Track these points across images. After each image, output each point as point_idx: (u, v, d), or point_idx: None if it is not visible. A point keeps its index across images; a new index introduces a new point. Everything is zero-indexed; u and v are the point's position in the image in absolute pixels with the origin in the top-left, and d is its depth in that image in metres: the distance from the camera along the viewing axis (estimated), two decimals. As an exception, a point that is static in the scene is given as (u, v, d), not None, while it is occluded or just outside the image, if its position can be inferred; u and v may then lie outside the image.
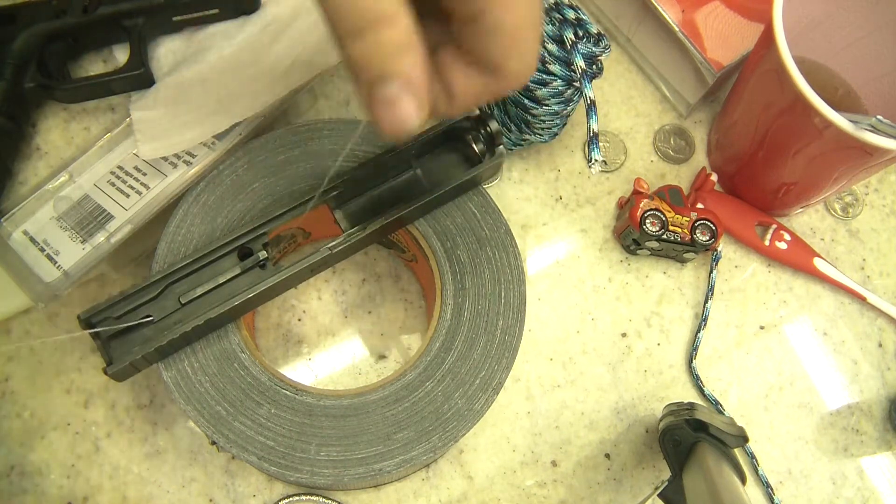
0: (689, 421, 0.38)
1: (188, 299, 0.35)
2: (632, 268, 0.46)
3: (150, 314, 0.34)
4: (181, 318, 0.34)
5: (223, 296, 0.35)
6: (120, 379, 0.34)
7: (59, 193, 0.40)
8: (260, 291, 0.34)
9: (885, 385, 0.46)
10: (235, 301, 0.34)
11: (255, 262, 0.36)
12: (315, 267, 0.36)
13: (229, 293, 0.35)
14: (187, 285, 0.35)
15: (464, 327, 0.37)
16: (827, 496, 0.43)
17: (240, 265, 0.36)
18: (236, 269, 0.36)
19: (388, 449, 0.34)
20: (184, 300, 0.35)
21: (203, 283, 0.35)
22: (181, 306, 0.35)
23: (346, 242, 0.36)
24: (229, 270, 0.35)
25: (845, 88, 0.46)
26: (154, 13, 0.43)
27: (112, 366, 0.33)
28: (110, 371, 0.32)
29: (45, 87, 0.42)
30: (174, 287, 0.35)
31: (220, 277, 0.35)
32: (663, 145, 0.49)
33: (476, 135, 0.38)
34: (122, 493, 0.40)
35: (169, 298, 0.35)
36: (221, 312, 0.34)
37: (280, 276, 0.35)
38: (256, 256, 0.36)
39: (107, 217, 0.40)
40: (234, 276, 0.35)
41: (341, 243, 0.36)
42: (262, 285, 0.34)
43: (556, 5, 0.40)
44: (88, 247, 0.39)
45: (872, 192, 0.49)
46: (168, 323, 0.34)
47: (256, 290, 0.34)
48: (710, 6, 0.45)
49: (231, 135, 0.41)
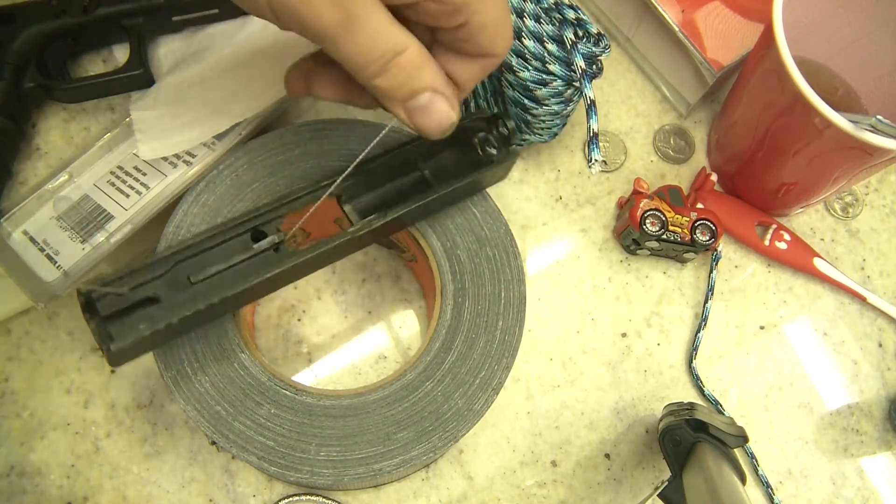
0: (689, 421, 0.38)
1: (198, 278, 0.33)
2: (632, 268, 0.46)
3: (157, 292, 0.32)
4: (190, 297, 0.32)
5: (235, 277, 0.33)
6: (118, 362, 0.31)
7: (59, 193, 0.40)
8: (273, 274, 0.33)
9: (885, 385, 0.46)
10: (250, 282, 0.32)
11: (270, 244, 0.34)
12: (330, 254, 0.35)
13: (242, 275, 0.33)
14: (197, 265, 0.33)
15: (464, 327, 0.37)
16: (827, 496, 0.43)
17: (254, 247, 0.34)
18: (249, 250, 0.34)
19: (388, 449, 0.34)
20: (194, 279, 0.33)
21: (214, 263, 0.33)
22: (191, 285, 0.33)
23: (365, 229, 0.35)
24: (241, 252, 0.34)
25: (845, 88, 0.46)
26: (154, 13, 0.43)
27: (115, 342, 0.30)
28: (114, 348, 0.30)
29: (44, 87, 0.42)
30: (183, 265, 0.33)
31: (232, 258, 0.33)
32: (663, 145, 0.49)
33: (487, 136, 0.38)
34: (121, 493, 0.40)
35: (178, 276, 0.33)
36: (235, 293, 0.32)
37: (294, 259, 0.33)
38: (271, 239, 0.34)
39: (107, 217, 0.40)
40: (246, 257, 0.34)
41: (360, 229, 0.34)
42: (275, 268, 0.33)
43: (556, 5, 0.40)
44: (88, 247, 0.39)
45: (872, 192, 0.49)
46: (176, 301, 0.32)
47: (270, 272, 0.33)
48: (710, 6, 0.45)
49: (231, 135, 0.41)
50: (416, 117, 0.29)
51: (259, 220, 0.34)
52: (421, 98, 0.29)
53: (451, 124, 0.30)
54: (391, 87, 0.28)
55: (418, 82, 0.28)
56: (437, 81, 0.29)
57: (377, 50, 0.27)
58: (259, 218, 0.34)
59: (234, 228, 0.34)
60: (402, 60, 0.27)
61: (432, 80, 0.28)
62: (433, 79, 0.28)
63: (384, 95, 0.29)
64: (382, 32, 0.27)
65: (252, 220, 0.34)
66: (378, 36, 0.27)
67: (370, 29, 0.26)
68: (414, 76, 0.28)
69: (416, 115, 0.29)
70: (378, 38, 0.27)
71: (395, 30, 0.27)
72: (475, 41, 0.29)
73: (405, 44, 0.27)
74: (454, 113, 0.29)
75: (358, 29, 0.26)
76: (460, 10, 0.28)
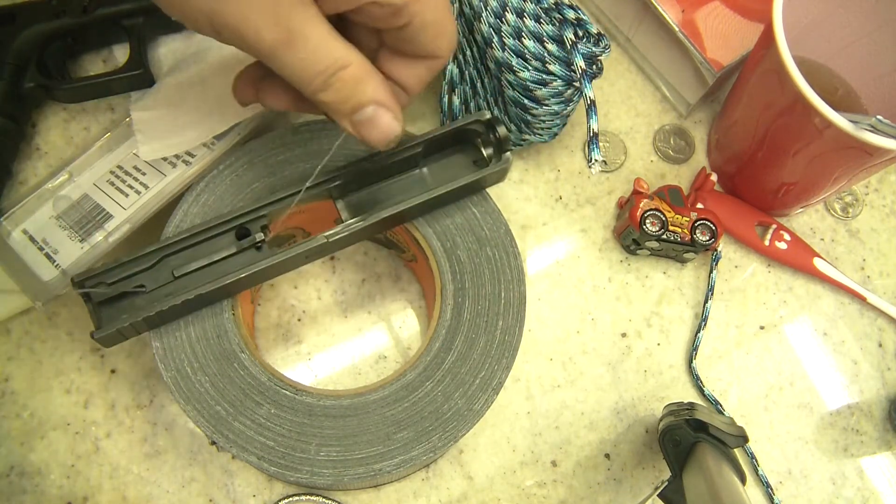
0: (689, 421, 0.38)
1: (182, 273, 0.35)
2: (632, 268, 0.46)
3: (144, 284, 0.34)
4: (173, 290, 0.34)
5: (216, 273, 0.35)
6: (107, 345, 0.34)
7: (59, 192, 0.40)
8: (253, 272, 0.35)
9: (885, 385, 0.46)
10: (228, 279, 0.34)
11: (251, 242, 0.36)
12: (310, 254, 0.36)
13: (223, 271, 0.35)
14: (183, 259, 0.35)
15: (464, 327, 0.37)
16: (827, 496, 0.43)
17: (236, 244, 0.36)
18: (232, 247, 0.36)
19: (388, 449, 0.34)
20: (177, 273, 0.35)
21: (198, 258, 0.35)
22: (174, 279, 0.35)
23: (343, 233, 0.36)
24: (225, 248, 0.36)
25: (845, 88, 0.46)
26: (154, 13, 0.43)
27: (100, 330, 0.33)
28: (97, 336, 0.33)
29: (44, 87, 0.42)
30: (169, 259, 0.35)
31: (215, 255, 0.35)
32: (663, 145, 0.49)
33: (486, 138, 0.38)
34: (121, 493, 0.40)
35: (163, 270, 0.35)
36: (213, 289, 0.34)
37: (274, 258, 0.35)
38: (253, 237, 0.36)
39: (105, 216, 0.40)
40: (229, 254, 0.36)
41: (338, 233, 0.36)
42: (255, 266, 0.35)
43: (556, 5, 0.40)
44: (87, 246, 0.39)
45: (872, 192, 0.49)
46: (160, 294, 0.34)
47: (250, 270, 0.35)
48: (710, 6, 0.45)
49: (231, 135, 0.41)
50: (362, 130, 0.30)
51: (245, 219, 0.36)
52: (365, 111, 0.29)
53: (395, 136, 0.30)
54: (335, 102, 0.29)
55: (362, 96, 0.29)
56: (381, 95, 0.29)
57: (319, 66, 0.27)
58: (246, 216, 0.36)
59: (220, 226, 0.35)
60: (344, 75, 0.28)
61: (375, 93, 0.29)
62: (376, 92, 0.29)
63: (329, 109, 0.29)
64: (324, 48, 0.27)
65: (239, 218, 0.36)
66: (319, 52, 0.27)
67: (311, 45, 0.27)
68: (357, 90, 0.29)
69: (362, 128, 0.30)
70: (319, 55, 0.27)
71: (337, 45, 0.28)
72: (418, 42, 0.30)
73: (347, 59, 0.28)
74: (398, 125, 0.30)
75: (299, 46, 0.27)
76: (401, 12, 0.28)
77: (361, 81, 0.29)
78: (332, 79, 0.28)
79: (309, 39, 0.27)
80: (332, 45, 0.28)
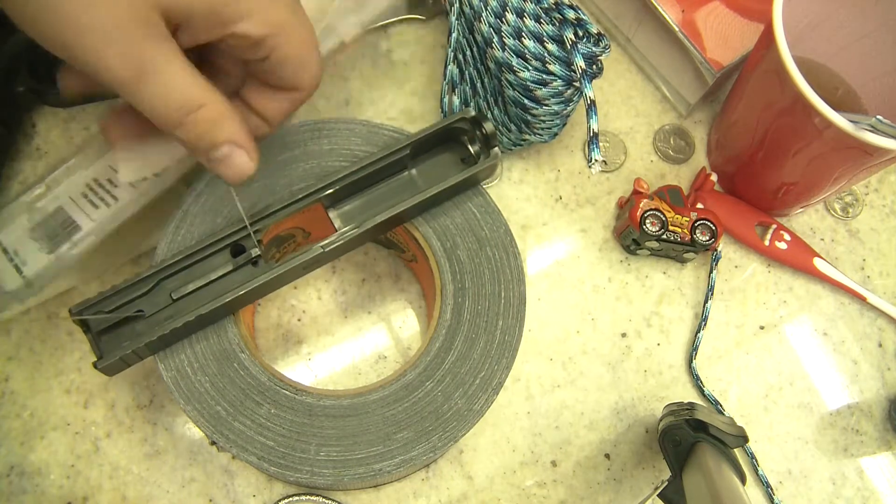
0: (689, 421, 0.38)
1: (179, 295, 0.35)
2: (632, 268, 0.46)
3: (142, 309, 0.34)
4: (172, 313, 0.34)
5: (215, 292, 0.35)
6: (110, 374, 0.34)
7: (36, 205, 0.40)
8: (252, 288, 0.35)
9: (885, 385, 0.46)
10: (227, 297, 0.34)
11: (247, 258, 0.36)
12: (307, 265, 0.36)
13: (221, 290, 0.35)
14: (179, 281, 0.35)
15: (464, 327, 0.37)
16: (827, 496, 0.43)
17: (232, 262, 0.36)
18: (228, 265, 0.36)
19: (388, 449, 0.34)
20: (175, 296, 0.35)
21: (195, 279, 0.35)
22: (172, 301, 0.35)
23: (338, 241, 0.36)
24: (221, 267, 0.36)
25: (845, 88, 0.46)
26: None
27: (102, 360, 0.33)
28: (100, 365, 0.33)
29: (35, 91, 0.42)
30: (166, 283, 0.35)
31: (211, 274, 0.35)
32: (663, 145, 0.49)
33: (472, 136, 0.38)
34: (121, 493, 0.40)
35: (161, 294, 0.35)
36: (213, 308, 0.34)
37: (272, 273, 0.35)
38: (248, 253, 0.36)
39: (74, 228, 0.39)
40: (226, 272, 0.36)
41: (333, 242, 0.36)
42: (253, 282, 0.35)
43: (556, 5, 0.40)
44: (53, 257, 0.38)
45: (872, 192, 0.49)
46: (159, 318, 0.34)
47: (248, 286, 0.35)
48: (710, 6, 0.45)
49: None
50: (217, 168, 0.30)
51: (238, 236, 0.36)
52: (220, 150, 0.29)
53: (249, 175, 0.31)
54: (190, 140, 0.29)
55: (217, 136, 0.29)
56: (236, 135, 0.29)
57: (172, 105, 0.27)
58: (239, 233, 0.36)
59: (214, 244, 0.35)
60: (199, 116, 0.28)
61: (230, 134, 0.29)
62: (231, 133, 0.29)
63: (185, 146, 0.29)
64: (177, 88, 0.27)
65: (232, 236, 0.36)
66: (173, 92, 0.27)
67: (164, 83, 0.27)
68: (211, 131, 0.29)
69: (216, 166, 0.30)
70: (173, 94, 0.27)
71: (192, 83, 0.28)
72: (280, 74, 0.30)
73: (202, 99, 0.28)
74: (252, 164, 0.30)
75: (153, 82, 0.27)
76: (260, 45, 0.29)
77: (216, 123, 0.29)
78: (185, 118, 0.28)
79: (162, 77, 0.27)
80: (186, 83, 0.27)
